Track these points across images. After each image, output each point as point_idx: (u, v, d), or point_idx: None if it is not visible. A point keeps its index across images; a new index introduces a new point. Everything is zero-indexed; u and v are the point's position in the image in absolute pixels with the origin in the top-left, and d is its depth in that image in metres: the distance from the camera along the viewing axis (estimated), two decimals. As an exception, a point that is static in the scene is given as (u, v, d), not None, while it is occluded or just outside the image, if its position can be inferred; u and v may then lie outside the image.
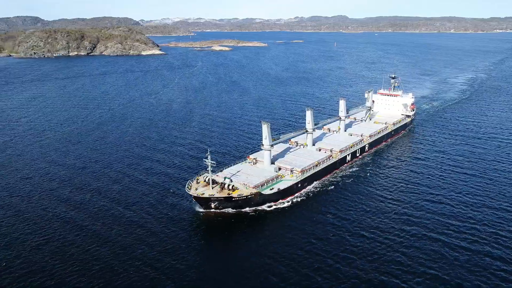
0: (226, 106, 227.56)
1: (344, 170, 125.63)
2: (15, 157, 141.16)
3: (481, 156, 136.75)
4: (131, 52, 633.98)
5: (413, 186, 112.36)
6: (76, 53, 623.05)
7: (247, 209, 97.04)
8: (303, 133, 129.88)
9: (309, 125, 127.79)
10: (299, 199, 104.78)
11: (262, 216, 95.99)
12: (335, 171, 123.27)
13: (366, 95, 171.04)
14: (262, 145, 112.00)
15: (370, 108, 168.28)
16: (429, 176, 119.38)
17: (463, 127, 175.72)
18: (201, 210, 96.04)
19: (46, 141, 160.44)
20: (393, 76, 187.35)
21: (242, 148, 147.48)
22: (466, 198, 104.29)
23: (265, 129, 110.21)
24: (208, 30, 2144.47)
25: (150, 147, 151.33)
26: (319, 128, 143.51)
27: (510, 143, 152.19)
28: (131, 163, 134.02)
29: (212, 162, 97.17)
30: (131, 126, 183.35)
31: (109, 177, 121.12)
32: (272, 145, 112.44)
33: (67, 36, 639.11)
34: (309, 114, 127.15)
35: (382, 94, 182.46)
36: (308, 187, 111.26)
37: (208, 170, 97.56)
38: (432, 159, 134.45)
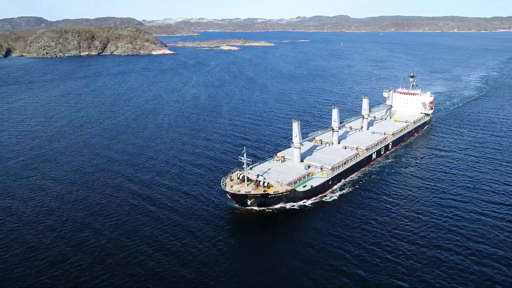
0: (249, 103, 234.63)
1: (372, 167, 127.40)
2: (63, 150, 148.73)
3: (509, 147, 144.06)
4: (142, 52, 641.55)
5: (451, 173, 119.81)
6: (87, 53, 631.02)
7: (287, 205, 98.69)
8: (329, 131, 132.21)
9: (335, 123, 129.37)
10: (336, 194, 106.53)
11: (304, 210, 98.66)
12: (361, 169, 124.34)
13: (385, 94, 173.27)
14: (292, 142, 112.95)
15: (391, 107, 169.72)
16: (463, 163, 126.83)
17: (485, 123, 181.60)
18: (237, 206, 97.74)
19: (88, 135, 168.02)
20: (411, 75, 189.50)
21: (269, 145, 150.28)
22: (501, 177, 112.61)
23: (296, 126, 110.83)
24: (211, 30, 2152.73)
25: (186, 141, 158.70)
26: (341, 127, 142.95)
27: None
28: (170, 156, 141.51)
29: (248, 159, 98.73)
30: (164, 121, 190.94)
31: (153, 169, 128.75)
32: (301, 143, 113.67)
33: (78, 36, 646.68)
34: (335, 112, 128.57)
35: (400, 92, 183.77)
36: (338, 184, 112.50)
37: (244, 167, 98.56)
38: (462, 151, 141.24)
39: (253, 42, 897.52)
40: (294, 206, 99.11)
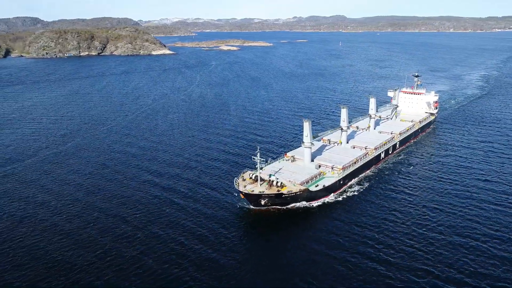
0: (256, 101, 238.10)
1: (385, 163, 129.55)
2: (82, 148, 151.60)
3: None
4: (141, 52, 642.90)
5: (463, 166, 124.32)
6: (87, 53, 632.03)
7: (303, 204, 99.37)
8: (338, 130, 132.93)
9: (344, 123, 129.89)
10: (354, 189, 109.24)
11: (323, 206, 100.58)
12: (370, 168, 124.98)
13: (390, 94, 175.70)
14: (303, 142, 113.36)
15: (397, 106, 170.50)
16: (473, 158, 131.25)
17: (490, 120, 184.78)
18: (250, 207, 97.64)
19: (102, 133, 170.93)
20: (416, 74, 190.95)
21: (278, 143, 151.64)
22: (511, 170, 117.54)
23: (307, 126, 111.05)
24: (208, 30, 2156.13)
25: (200, 138, 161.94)
26: (349, 126, 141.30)
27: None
28: (187, 152, 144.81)
29: (262, 159, 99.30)
30: (175, 119, 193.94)
31: (174, 166, 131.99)
32: (312, 143, 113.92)
33: (77, 36, 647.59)
34: (344, 112, 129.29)
35: (405, 92, 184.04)
36: (348, 183, 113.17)
37: (257, 167, 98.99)
38: (471, 147, 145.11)
39: (252, 42, 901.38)
40: (310, 204, 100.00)
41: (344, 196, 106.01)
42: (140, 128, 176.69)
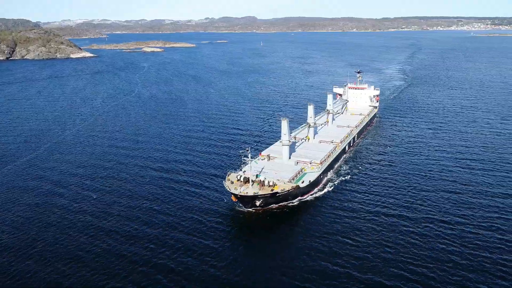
0: (210, 99, 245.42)
1: (349, 156, 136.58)
2: (52, 153, 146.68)
3: (453, 121, 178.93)
4: (58, 55, 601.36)
5: (422, 142, 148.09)
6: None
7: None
8: (303, 127, 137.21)
9: (311, 119, 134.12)
10: (331, 185, 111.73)
11: (320, 199, 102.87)
12: (339, 160, 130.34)
13: (338, 90, 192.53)
14: (281, 140, 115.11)
15: (347, 101, 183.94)
16: (426, 137, 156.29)
17: (423, 107, 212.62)
18: (243, 208, 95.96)
19: (67, 138, 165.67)
20: (358, 71, 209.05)
21: (252, 145, 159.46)
22: (458, 141, 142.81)
23: (285, 125, 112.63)
24: (118, 32, 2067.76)
25: (167, 142, 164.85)
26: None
27: (463, 110, 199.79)
28: (171, 146, 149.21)
29: (253, 159, 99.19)
30: (138, 119, 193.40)
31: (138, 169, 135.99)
32: (290, 140, 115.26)
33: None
34: (311, 109, 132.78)
35: (351, 88, 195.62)
36: (326, 177, 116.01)
37: (250, 168, 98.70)
38: (421, 128, 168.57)
39: (174, 43, 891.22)
40: (300, 200, 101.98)
41: (329, 189, 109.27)
42: (107, 130, 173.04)
